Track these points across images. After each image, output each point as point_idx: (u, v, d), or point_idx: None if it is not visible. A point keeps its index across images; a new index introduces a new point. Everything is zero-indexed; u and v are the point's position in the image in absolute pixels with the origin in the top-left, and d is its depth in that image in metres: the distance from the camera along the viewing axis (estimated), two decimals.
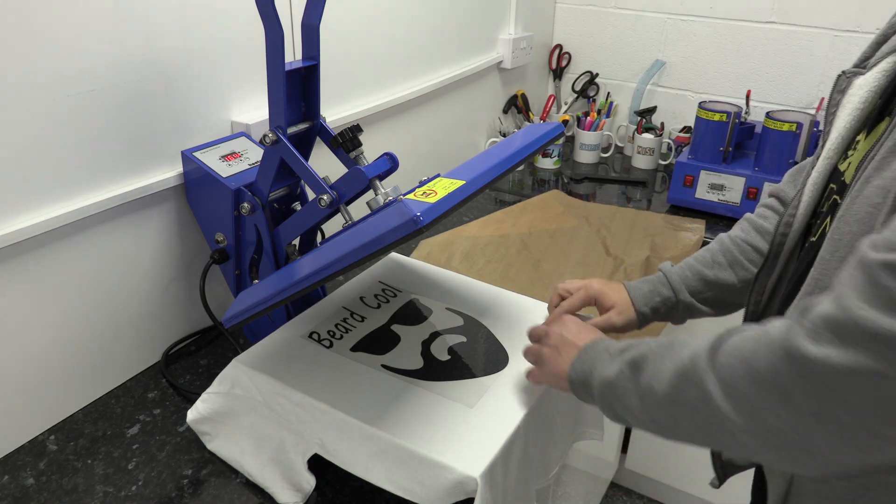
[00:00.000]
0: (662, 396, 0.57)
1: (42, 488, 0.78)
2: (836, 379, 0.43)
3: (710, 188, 1.51)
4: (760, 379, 0.48)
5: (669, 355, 0.58)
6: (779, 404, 0.47)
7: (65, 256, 0.83)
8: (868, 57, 0.60)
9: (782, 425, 0.47)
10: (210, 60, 0.95)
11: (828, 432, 0.45)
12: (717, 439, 0.54)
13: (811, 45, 1.67)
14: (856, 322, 0.43)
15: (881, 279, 0.42)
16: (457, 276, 1.01)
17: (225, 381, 0.80)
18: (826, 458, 0.46)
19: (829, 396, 0.44)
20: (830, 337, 0.44)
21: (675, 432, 0.58)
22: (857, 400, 0.43)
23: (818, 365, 0.44)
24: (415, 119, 1.47)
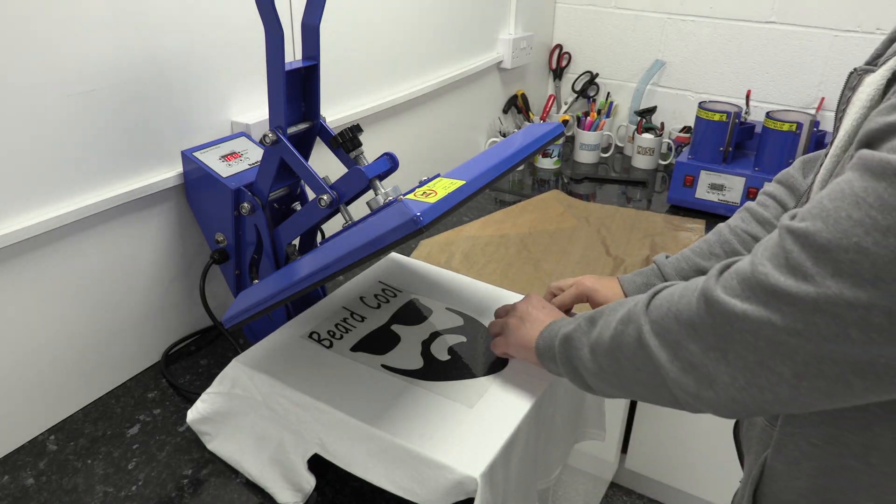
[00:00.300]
0: (608, 341, 0.63)
1: (42, 488, 0.78)
2: (736, 322, 0.50)
3: (710, 188, 1.52)
4: (681, 317, 0.55)
5: (620, 307, 0.64)
6: (694, 340, 0.53)
7: (65, 256, 0.83)
8: (880, 54, 0.61)
9: (696, 360, 0.53)
10: (210, 60, 0.95)
11: (731, 367, 0.51)
12: (651, 380, 0.59)
13: (811, 45, 1.67)
14: (756, 276, 0.49)
15: (785, 242, 0.48)
16: (457, 276, 1.01)
17: (225, 381, 0.80)
18: (731, 393, 0.52)
19: (732, 336, 0.50)
20: (735, 286, 0.50)
21: (619, 378, 0.63)
22: (754, 340, 0.49)
23: (723, 307, 0.50)
24: (415, 119, 1.47)
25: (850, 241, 0.44)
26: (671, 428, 1.58)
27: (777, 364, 0.48)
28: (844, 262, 0.44)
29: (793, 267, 0.47)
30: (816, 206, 0.47)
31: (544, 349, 0.74)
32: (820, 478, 0.59)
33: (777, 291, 0.47)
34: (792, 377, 0.48)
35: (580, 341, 0.68)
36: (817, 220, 0.46)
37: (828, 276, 0.45)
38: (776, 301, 0.47)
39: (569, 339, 0.69)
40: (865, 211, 0.44)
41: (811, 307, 0.45)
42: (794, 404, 0.50)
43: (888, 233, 0.42)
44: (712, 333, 0.52)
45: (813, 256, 0.46)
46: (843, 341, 0.45)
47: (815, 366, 0.47)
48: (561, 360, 0.70)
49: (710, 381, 0.53)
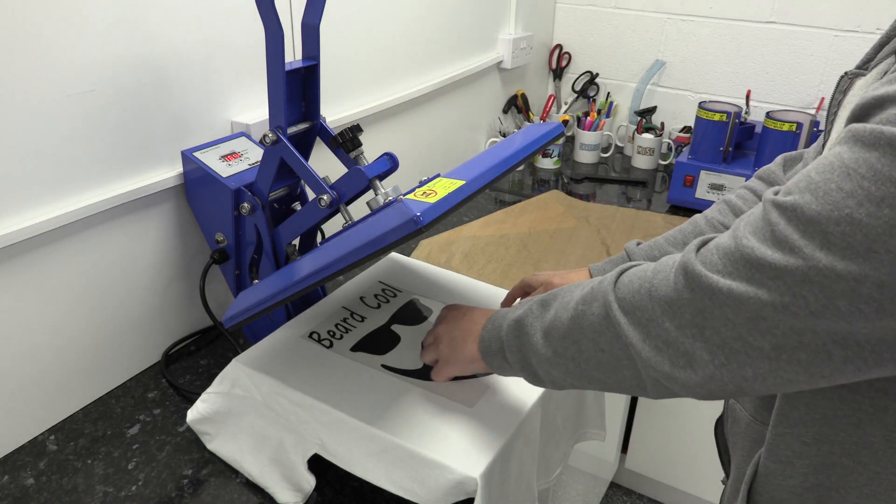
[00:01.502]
0: (567, 322, 0.59)
1: (42, 488, 0.78)
2: (718, 297, 0.48)
3: (710, 188, 1.52)
4: (655, 293, 0.53)
5: (578, 288, 0.62)
6: (669, 316, 0.52)
7: (65, 256, 0.83)
8: (870, 59, 0.60)
9: (672, 337, 0.52)
10: (210, 60, 0.95)
11: (709, 344, 0.50)
12: (616, 362, 0.56)
13: (811, 45, 1.67)
14: (740, 250, 0.48)
15: (770, 215, 0.47)
16: (457, 276, 1.01)
17: (225, 381, 0.80)
18: (710, 371, 0.50)
19: (711, 312, 0.49)
20: (717, 261, 0.49)
21: (577, 363, 0.59)
22: (734, 315, 0.48)
23: (705, 282, 0.49)
24: (415, 119, 1.47)
25: (842, 212, 0.43)
26: (671, 428, 1.58)
27: (756, 338, 0.48)
28: (835, 235, 0.43)
29: (779, 240, 0.46)
30: (803, 180, 0.46)
31: (489, 341, 0.69)
32: (813, 475, 0.59)
33: (763, 265, 0.46)
34: (771, 350, 0.47)
35: (532, 326, 0.63)
36: (805, 192, 0.45)
37: (817, 249, 0.44)
38: (761, 275, 0.46)
39: (520, 323, 0.65)
40: (857, 182, 0.43)
41: (799, 279, 0.45)
42: (774, 379, 0.49)
43: (882, 203, 0.42)
44: (690, 309, 0.50)
45: (800, 229, 0.45)
46: (831, 314, 0.44)
47: (795, 337, 0.46)
48: (510, 348, 0.66)
49: (688, 359, 0.51)
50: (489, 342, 0.69)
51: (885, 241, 0.42)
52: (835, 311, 0.44)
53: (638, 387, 0.56)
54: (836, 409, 0.56)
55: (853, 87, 0.59)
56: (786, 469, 0.61)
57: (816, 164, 0.46)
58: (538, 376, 0.64)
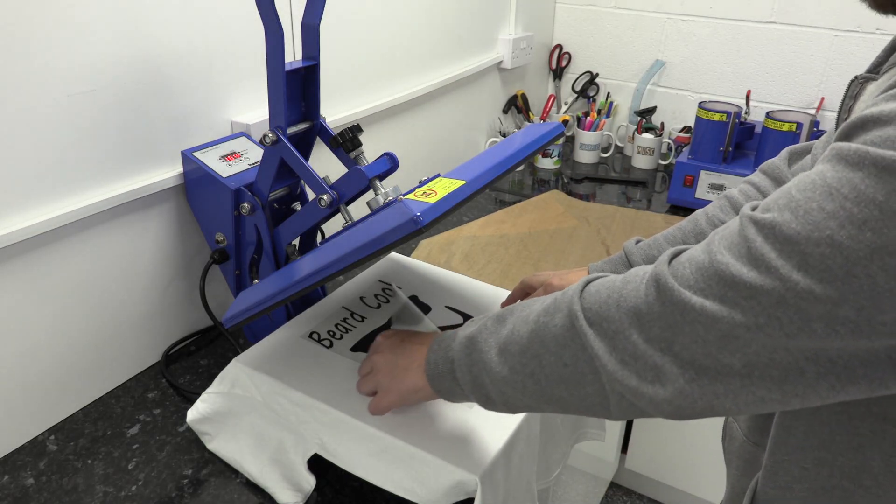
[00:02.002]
0: (527, 336, 0.56)
1: (42, 488, 0.78)
2: (689, 313, 0.47)
3: (710, 188, 1.52)
4: (624, 304, 0.51)
5: (538, 301, 0.59)
6: (637, 328, 0.50)
7: (65, 256, 0.83)
8: (881, 62, 0.59)
9: (639, 350, 0.49)
10: (210, 60, 0.95)
11: (678, 359, 0.48)
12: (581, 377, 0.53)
13: (811, 45, 1.67)
14: (714, 266, 0.46)
15: (747, 231, 0.45)
16: (457, 276, 1.01)
17: (225, 381, 0.80)
18: (680, 385, 0.48)
19: (681, 327, 0.47)
20: (689, 276, 0.47)
21: (536, 381, 0.56)
22: (704, 332, 0.46)
23: (677, 297, 0.47)
24: (415, 119, 1.47)
25: (823, 234, 0.41)
26: (671, 428, 1.58)
27: (727, 356, 0.46)
28: (814, 256, 0.42)
29: (755, 258, 0.44)
30: (783, 197, 0.45)
31: (437, 362, 0.64)
32: (813, 499, 0.58)
33: (737, 283, 0.44)
34: (742, 367, 0.46)
35: (486, 343, 0.59)
36: (785, 210, 0.44)
37: (793, 270, 0.42)
38: (735, 294, 0.45)
39: (472, 340, 0.61)
40: (839, 202, 0.41)
41: (774, 301, 0.43)
42: (746, 397, 0.47)
43: (864, 226, 0.40)
44: (660, 322, 0.48)
45: (777, 248, 0.43)
46: (806, 336, 0.43)
47: (766, 355, 0.45)
48: (461, 367, 0.61)
49: (656, 374, 0.49)
50: (437, 363, 0.64)
51: (866, 266, 0.40)
52: (810, 333, 0.43)
53: (601, 405, 0.53)
54: (834, 434, 0.55)
55: (864, 91, 0.57)
56: (785, 494, 0.60)
57: (798, 182, 0.45)
58: (490, 398, 0.60)
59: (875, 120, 0.42)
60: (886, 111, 0.41)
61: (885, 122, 0.41)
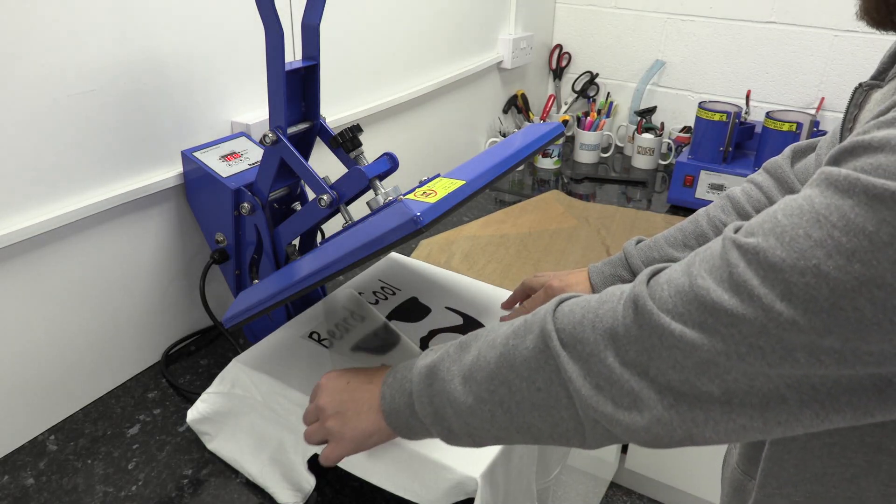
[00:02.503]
0: (494, 360, 0.53)
1: (42, 488, 0.78)
2: (667, 339, 0.45)
3: (710, 188, 1.52)
4: (599, 325, 0.49)
5: (505, 325, 0.56)
6: (612, 351, 0.47)
7: (65, 256, 0.83)
8: (886, 69, 0.57)
9: (615, 375, 0.47)
10: (210, 60, 0.95)
11: (655, 384, 0.46)
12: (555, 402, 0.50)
13: (811, 45, 1.67)
14: (694, 290, 0.44)
15: (729, 255, 0.43)
16: (457, 276, 1.01)
17: (225, 381, 0.80)
18: (658, 413, 0.46)
19: (659, 352, 0.45)
20: (668, 299, 0.45)
21: (505, 409, 0.52)
22: (682, 359, 0.44)
23: (655, 321, 0.45)
24: (415, 119, 1.47)
25: (809, 263, 0.39)
26: None
27: (705, 383, 0.44)
28: (798, 286, 0.40)
29: (737, 284, 0.42)
30: (769, 221, 0.43)
31: (393, 396, 0.59)
32: None
33: (717, 310, 0.43)
34: (721, 394, 0.44)
35: (449, 371, 0.56)
36: (770, 236, 0.42)
37: (777, 299, 0.40)
38: (715, 321, 0.43)
39: (433, 370, 0.57)
40: (828, 231, 0.39)
41: (756, 330, 0.41)
42: (727, 425, 0.45)
43: (853, 257, 0.38)
44: (636, 346, 0.46)
45: (761, 275, 0.41)
46: (789, 365, 0.41)
47: (746, 382, 0.43)
48: (421, 399, 0.57)
49: (633, 400, 0.47)
50: (392, 397, 0.60)
51: (853, 299, 0.39)
52: (793, 363, 0.41)
53: (575, 432, 0.50)
54: (826, 466, 0.54)
55: (869, 99, 0.55)
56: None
57: (784, 206, 0.43)
58: (453, 431, 0.56)
59: (866, 146, 0.40)
60: (878, 137, 0.40)
61: (877, 148, 0.40)
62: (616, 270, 0.86)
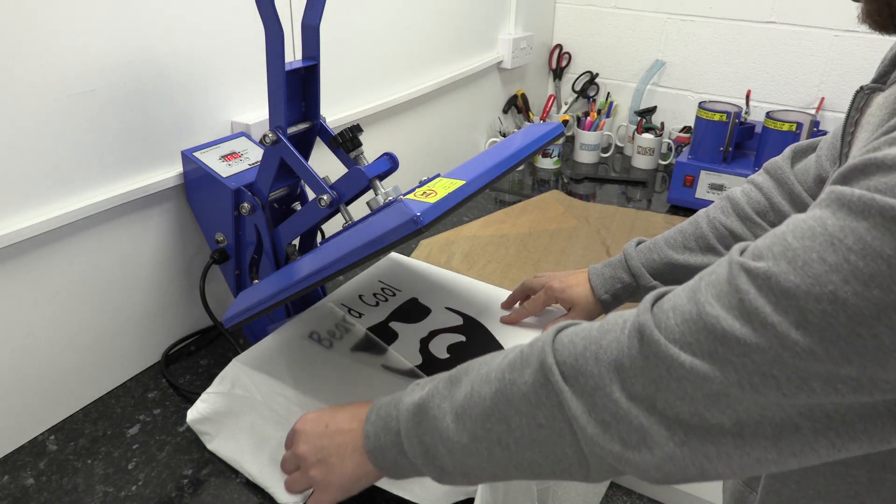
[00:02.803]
0: (490, 396, 0.51)
1: (42, 488, 0.78)
2: (676, 370, 0.43)
3: (710, 188, 1.52)
4: (604, 356, 0.47)
5: (498, 357, 0.54)
6: (620, 385, 0.46)
7: (65, 256, 0.83)
8: (888, 72, 0.56)
9: (622, 410, 0.45)
10: (210, 60, 0.95)
11: (663, 419, 0.44)
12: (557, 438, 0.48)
13: (811, 45, 1.67)
14: (703, 318, 0.42)
15: (738, 281, 0.42)
16: (457, 276, 1.01)
17: (225, 381, 0.80)
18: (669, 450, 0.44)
19: (667, 384, 0.44)
20: (675, 328, 0.44)
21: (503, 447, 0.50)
22: (692, 390, 0.43)
23: (663, 351, 0.44)
24: (415, 119, 1.47)
25: (825, 289, 0.38)
26: None
27: (715, 414, 0.43)
28: (814, 313, 0.38)
29: (748, 312, 0.40)
30: (778, 244, 0.41)
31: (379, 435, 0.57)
32: None
33: (728, 339, 0.41)
34: (733, 425, 0.42)
35: (439, 409, 0.53)
36: (781, 260, 0.40)
37: (791, 327, 0.39)
38: (726, 350, 0.41)
39: (422, 407, 0.54)
40: (843, 255, 0.38)
41: (770, 360, 0.40)
42: (740, 459, 0.43)
43: (871, 283, 0.37)
44: (642, 378, 0.45)
45: (773, 302, 0.39)
46: (804, 394, 0.40)
47: (757, 412, 0.42)
48: (410, 438, 0.55)
49: (642, 436, 0.45)
50: (377, 435, 0.57)
51: (873, 326, 0.37)
52: (808, 392, 0.40)
53: (579, 467, 0.49)
54: (830, 484, 0.53)
55: (871, 103, 0.54)
56: None
57: (794, 228, 0.41)
58: (446, 470, 0.54)
59: (879, 164, 0.39)
60: (892, 156, 0.38)
61: (890, 167, 0.38)
62: (616, 272, 0.86)
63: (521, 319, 0.88)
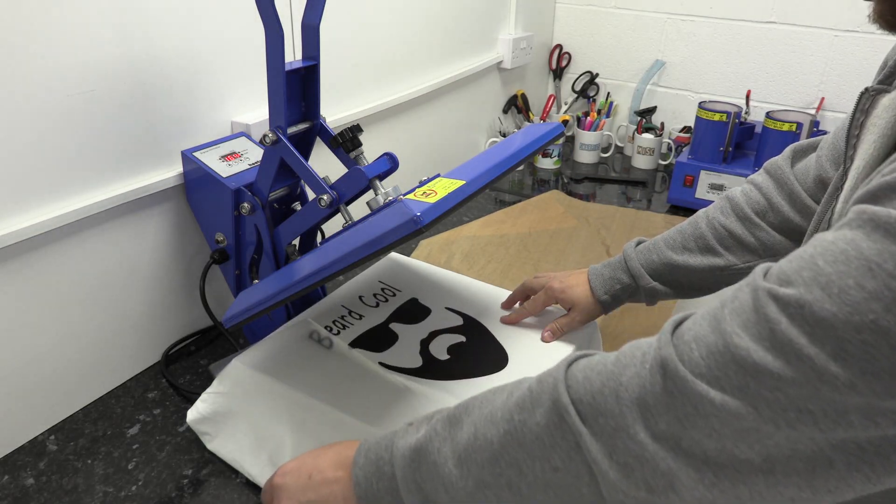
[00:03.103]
0: (498, 439, 0.48)
1: (42, 488, 0.78)
2: (705, 405, 0.40)
3: (710, 188, 1.52)
4: (626, 393, 0.43)
5: (501, 393, 0.50)
6: (644, 423, 0.42)
7: (64, 256, 0.83)
8: (894, 73, 0.55)
9: (648, 452, 0.42)
10: (210, 60, 0.95)
11: (691, 460, 0.42)
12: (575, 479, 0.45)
13: (811, 45, 1.67)
14: (731, 351, 0.40)
15: (767, 310, 0.39)
16: (457, 276, 1.01)
17: (225, 381, 0.80)
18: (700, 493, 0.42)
19: (694, 420, 0.41)
20: (700, 362, 0.41)
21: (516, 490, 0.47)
22: (720, 427, 0.40)
23: (690, 386, 0.41)
24: (415, 119, 1.47)
25: (865, 318, 0.35)
26: None
27: (744, 450, 0.40)
28: (854, 344, 0.36)
29: (781, 343, 0.38)
30: (808, 269, 0.39)
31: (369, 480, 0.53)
32: None
33: (760, 373, 0.38)
34: (763, 462, 0.40)
35: (440, 453, 0.50)
36: (813, 286, 0.38)
37: (829, 359, 0.36)
38: (758, 385, 0.39)
39: (420, 452, 0.51)
40: (883, 280, 0.35)
41: (807, 394, 0.37)
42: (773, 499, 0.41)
43: None
44: (667, 416, 0.42)
45: (808, 332, 0.37)
46: (841, 429, 0.38)
47: (788, 446, 0.39)
48: (408, 485, 0.51)
49: (669, 481, 0.42)
50: (369, 481, 0.54)
51: None
52: (846, 427, 0.38)
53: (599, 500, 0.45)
54: None
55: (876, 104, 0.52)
56: None
57: (823, 250, 0.38)
58: None
59: None
60: None
61: None
62: (615, 273, 0.86)
63: (522, 319, 0.88)
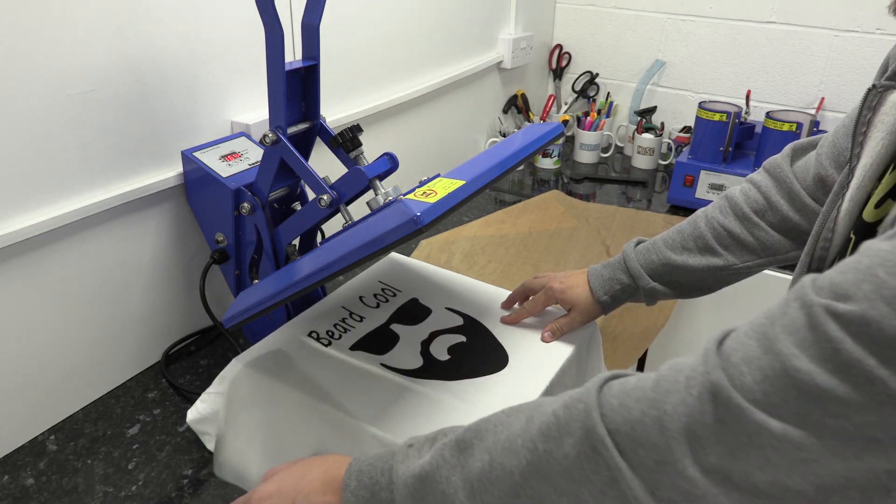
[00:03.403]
0: (520, 470, 0.44)
1: (42, 488, 0.78)
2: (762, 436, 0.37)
3: (710, 188, 1.52)
4: (672, 423, 0.39)
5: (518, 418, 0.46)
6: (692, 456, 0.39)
7: (64, 256, 0.83)
8: None
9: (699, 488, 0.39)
10: (210, 60, 0.95)
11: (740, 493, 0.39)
12: None
13: (811, 45, 1.67)
14: (790, 375, 0.36)
15: (826, 328, 0.36)
16: (457, 276, 1.01)
17: (225, 381, 0.80)
18: None
19: (746, 452, 0.38)
20: (755, 387, 0.37)
21: None
22: (776, 457, 0.37)
23: (747, 416, 0.37)
24: (415, 119, 1.47)
25: None
26: None
27: (797, 481, 0.37)
28: None
29: (846, 365, 0.35)
30: (867, 281, 0.35)
31: None
32: None
33: (825, 399, 0.35)
34: (816, 493, 0.37)
35: (449, 482, 0.46)
36: (877, 301, 0.34)
37: None
38: (822, 412, 0.35)
39: (426, 480, 0.47)
40: None
41: (874, 422, 0.34)
42: None
43: None
44: (717, 448, 0.38)
45: (877, 353, 0.34)
46: None
47: (843, 474, 0.36)
48: None
49: None
50: None
51: None
52: None
53: None
54: None
55: (885, 102, 0.51)
56: None
57: (882, 260, 0.35)
58: None
59: None
60: None
61: None
62: (615, 273, 0.85)
63: (522, 320, 0.88)
